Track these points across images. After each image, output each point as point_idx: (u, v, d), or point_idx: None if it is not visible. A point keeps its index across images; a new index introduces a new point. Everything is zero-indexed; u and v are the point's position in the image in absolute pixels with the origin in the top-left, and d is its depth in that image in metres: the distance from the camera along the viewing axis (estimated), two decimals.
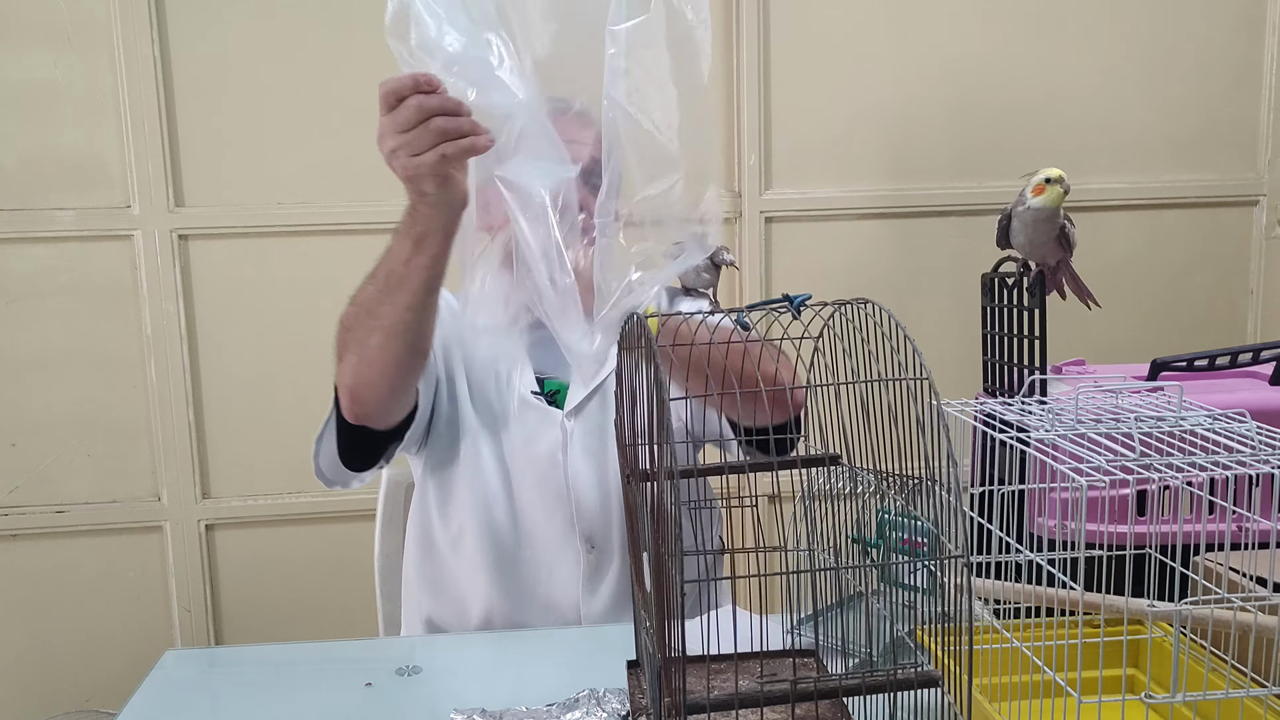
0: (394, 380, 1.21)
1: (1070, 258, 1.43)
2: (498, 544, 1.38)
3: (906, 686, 0.71)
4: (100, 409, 2.19)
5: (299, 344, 2.19)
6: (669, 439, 0.67)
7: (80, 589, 2.23)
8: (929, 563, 0.69)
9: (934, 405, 0.65)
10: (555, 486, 1.38)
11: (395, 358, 1.18)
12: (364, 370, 1.19)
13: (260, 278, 2.19)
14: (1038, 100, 2.30)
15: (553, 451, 1.39)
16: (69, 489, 2.21)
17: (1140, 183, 2.34)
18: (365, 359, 1.18)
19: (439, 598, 1.42)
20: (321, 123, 2.15)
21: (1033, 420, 0.93)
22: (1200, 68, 2.33)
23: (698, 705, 0.70)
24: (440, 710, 1.01)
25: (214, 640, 2.27)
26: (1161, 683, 0.97)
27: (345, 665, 1.18)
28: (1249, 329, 2.41)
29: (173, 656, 1.21)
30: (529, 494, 1.39)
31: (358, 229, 2.16)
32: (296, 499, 2.25)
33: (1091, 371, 1.58)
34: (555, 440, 1.39)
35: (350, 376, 1.20)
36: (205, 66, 2.13)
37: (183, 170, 2.15)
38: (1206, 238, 2.38)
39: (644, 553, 0.82)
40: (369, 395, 1.22)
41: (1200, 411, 0.92)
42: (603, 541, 1.39)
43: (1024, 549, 0.94)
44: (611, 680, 1.04)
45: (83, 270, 2.15)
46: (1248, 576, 0.91)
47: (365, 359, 1.18)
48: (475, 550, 1.38)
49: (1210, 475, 0.81)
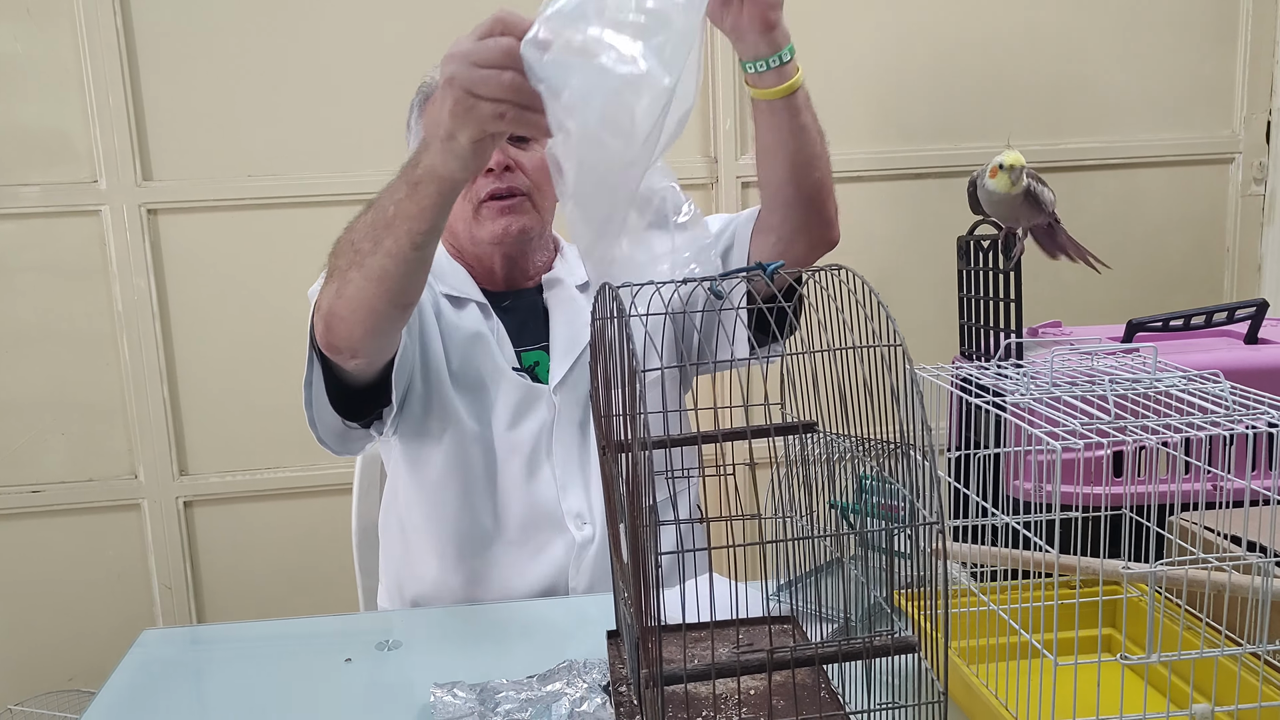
0: (367, 322, 1.15)
1: (1053, 220, 1.43)
2: (478, 525, 1.35)
3: (882, 653, 0.71)
4: (73, 387, 2.17)
5: (273, 317, 2.17)
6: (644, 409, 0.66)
7: (59, 569, 2.22)
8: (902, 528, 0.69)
9: (907, 371, 0.65)
10: (541, 464, 1.36)
11: (370, 301, 1.12)
12: (339, 304, 1.13)
13: (232, 251, 2.16)
14: (1014, 61, 2.29)
15: (539, 430, 1.36)
16: (44, 469, 2.19)
17: (1116, 142, 2.34)
18: (343, 293, 1.12)
19: (418, 582, 1.39)
20: (292, 93, 2.12)
21: (1009, 384, 0.93)
22: (1176, 26, 2.32)
23: (675, 676, 0.69)
24: (421, 684, 1.00)
25: (196, 617, 2.26)
26: (1138, 643, 0.98)
27: (325, 641, 1.17)
28: (1225, 288, 2.42)
29: (152, 635, 1.20)
30: (515, 473, 1.36)
31: (330, 200, 2.13)
32: (275, 474, 2.24)
33: (1068, 333, 1.58)
34: (543, 420, 1.36)
35: (326, 304, 1.15)
36: (170, 36, 2.09)
37: (150, 143, 2.11)
38: (1182, 197, 2.38)
39: (620, 523, 0.82)
40: (340, 328, 1.16)
41: (1175, 372, 0.92)
42: (589, 516, 1.37)
43: (1000, 512, 0.94)
44: (593, 651, 1.04)
45: (50, 247, 2.12)
46: (1223, 536, 0.92)
47: (343, 293, 1.12)
48: (454, 532, 1.35)
49: (1185, 436, 0.81)
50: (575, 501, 1.36)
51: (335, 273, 1.14)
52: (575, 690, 0.94)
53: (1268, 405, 0.84)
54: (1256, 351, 1.44)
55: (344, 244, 1.14)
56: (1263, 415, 0.82)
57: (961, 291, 1.49)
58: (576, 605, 1.28)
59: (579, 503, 1.36)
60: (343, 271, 1.12)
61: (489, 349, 1.36)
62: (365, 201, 1.13)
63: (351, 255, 1.11)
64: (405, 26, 2.12)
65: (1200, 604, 0.87)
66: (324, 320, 1.17)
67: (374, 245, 1.08)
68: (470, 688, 0.97)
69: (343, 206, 2.11)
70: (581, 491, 1.37)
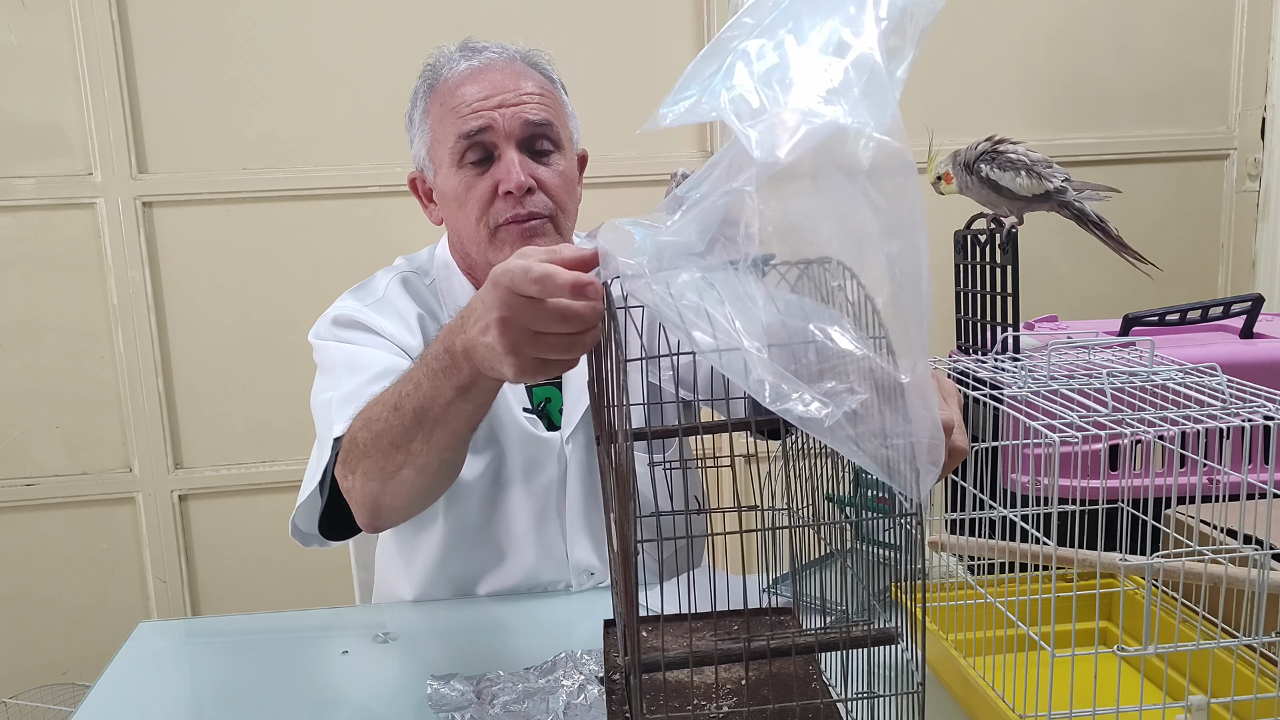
0: (424, 501, 1.10)
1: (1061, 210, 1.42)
2: (476, 566, 1.28)
3: (861, 644, 0.71)
4: (68, 380, 2.16)
5: (268, 311, 2.16)
6: (626, 400, 0.66)
7: (54, 562, 2.22)
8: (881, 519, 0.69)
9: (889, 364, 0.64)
10: (550, 520, 1.29)
11: (428, 487, 1.07)
12: (389, 498, 1.07)
13: (227, 244, 2.16)
14: (1010, 55, 2.29)
15: (548, 486, 1.29)
16: (38, 462, 2.18)
17: (1111, 137, 2.34)
18: (392, 490, 1.06)
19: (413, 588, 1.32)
20: (287, 86, 2.11)
21: (1006, 377, 0.93)
22: (1171, 21, 2.32)
23: (654, 664, 0.70)
24: (417, 677, 1.00)
25: (190, 611, 2.26)
26: (1134, 635, 0.98)
27: (322, 634, 1.17)
28: (1219, 283, 2.42)
29: (147, 628, 1.20)
30: (521, 527, 1.28)
31: (325, 194, 2.12)
32: (270, 467, 2.23)
33: (1064, 327, 1.58)
34: (553, 476, 1.29)
35: (370, 498, 1.08)
36: (165, 28, 2.08)
37: (145, 136, 2.11)
38: (1178, 192, 2.38)
39: (610, 514, 0.82)
40: (393, 516, 1.11)
41: (1172, 366, 0.92)
42: (598, 569, 1.30)
43: (998, 505, 0.94)
44: (590, 643, 1.04)
45: (44, 240, 2.11)
46: (1219, 529, 0.92)
47: (392, 490, 1.06)
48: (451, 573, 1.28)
49: (1181, 429, 0.81)
50: (583, 554, 1.30)
51: (372, 473, 1.06)
52: (572, 681, 0.95)
53: (1264, 399, 0.84)
54: (1252, 346, 1.45)
55: (370, 443, 1.05)
56: (1259, 409, 0.82)
57: (958, 286, 1.49)
58: (574, 598, 1.28)
59: (586, 556, 1.30)
60: (385, 470, 1.05)
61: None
62: (392, 383, 1.03)
63: (394, 454, 1.03)
64: (402, 18, 2.12)
65: (1196, 597, 0.87)
66: (369, 510, 1.09)
67: (424, 443, 1.01)
68: (467, 679, 0.97)
69: (338, 200, 2.13)
70: (590, 545, 1.30)
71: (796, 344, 0.62)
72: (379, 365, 1.20)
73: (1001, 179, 1.36)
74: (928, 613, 0.74)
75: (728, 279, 0.65)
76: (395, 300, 1.30)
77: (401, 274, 1.33)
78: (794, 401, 0.59)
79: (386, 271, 1.35)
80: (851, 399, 0.60)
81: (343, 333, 1.27)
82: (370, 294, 1.31)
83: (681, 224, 0.68)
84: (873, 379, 0.61)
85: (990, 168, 1.36)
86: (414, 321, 1.29)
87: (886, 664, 0.74)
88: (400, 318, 1.28)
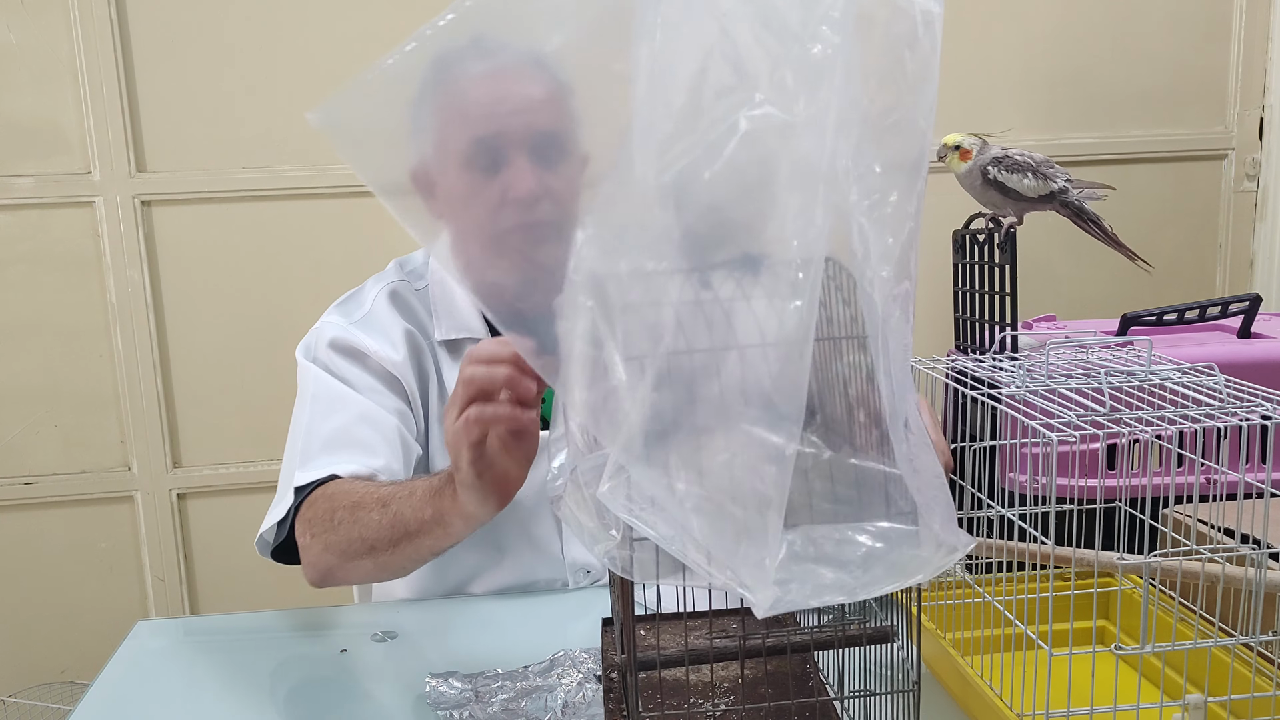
0: (371, 584, 1.15)
1: (1063, 211, 1.43)
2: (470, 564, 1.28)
3: (858, 642, 0.71)
4: (66, 379, 2.16)
5: (267, 310, 2.16)
6: None
7: (52, 561, 2.21)
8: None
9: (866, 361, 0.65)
10: (545, 516, 1.27)
11: (378, 579, 1.13)
12: (342, 575, 1.12)
13: (226, 243, 2.15)
14: (1008, 55, 2.29)
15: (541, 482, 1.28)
16: (37, 460, 2.18)
17: (1109, 137, 2.34)
18: (348, 572, 1.11)
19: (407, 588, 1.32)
20: (286, 84, 2.11)
21: (1004, 376, 0.93)
22: (1169, 21, 2.32)
23: (649, 662, 0.70)
24: (416, 675, 1.00)
25: (189, 609, 2.26)
26: (1131, 634, 0.99)
27: (320, 632, 1.17)
28: (1217, 282, 2.43)
29: (145, 626, 1.20)
30: (514, 525, 1.26)
31: (324, 193, 2.12)
32: (268, 466, 2.23)
33: (1062, 327, 1.58)
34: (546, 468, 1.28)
35: (325, 568, 1.12)
36: (164, 26, 2.08)
37: (144, 135, 2.10)
38: (1175, 192, 2.38)
39: None
40: (344, 583, 1.16)
41: (1169, 365, 0.93)
42: (596, 569, 1.29)
43: (995, 504, 0.94)
44: (588, 641, 1.04)
45: (43, 238, 2.11)
46: (1216, 528, 0.92)
47: (348, 572, 1.11)
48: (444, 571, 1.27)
49: (1179, 429, 0.81)
50: (579, 552, 1.29)
51: (332, 548, 1.10)
52: (570, 680, 0.95)
53: (1261, 398, 0.84)
54: (1250, 345, 1.45)
55: (335, 524, 1.09)
56: (1256, 408, 0.82)
57: (956, 285, 1.50)
58: (571, 596, 1.28)
59: (583, 554, 1.28)
60: (344, 552, 1.09)
61: None
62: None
63: (357, 545, 1.08)
64: (400, 17, 2.12)
65: (1194, 596, 0.87)
66: (319, 575, 1.14)
67: (393, 551, 1.06)
68: (465, 678, 0.97)
69: (337, 199, 2.12)
70: (586, 555, 1.28)
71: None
72: (355, 409, 1.23)
73: (1009, 181, 1.37)
74: (926, 611, 0.75)
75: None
76: (381, 316, 1.30)
77: (391, 286, 1.33)
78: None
79: (377, 281, 1.35)
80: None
81: (327, 358, 1.27)
82: (358, 308, 1.31)
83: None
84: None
85: (998, 170, 1.37)
86: (400, 338, 1.28)
87: (882, 662, 0.74)
88: (385, 335, 1.28)
